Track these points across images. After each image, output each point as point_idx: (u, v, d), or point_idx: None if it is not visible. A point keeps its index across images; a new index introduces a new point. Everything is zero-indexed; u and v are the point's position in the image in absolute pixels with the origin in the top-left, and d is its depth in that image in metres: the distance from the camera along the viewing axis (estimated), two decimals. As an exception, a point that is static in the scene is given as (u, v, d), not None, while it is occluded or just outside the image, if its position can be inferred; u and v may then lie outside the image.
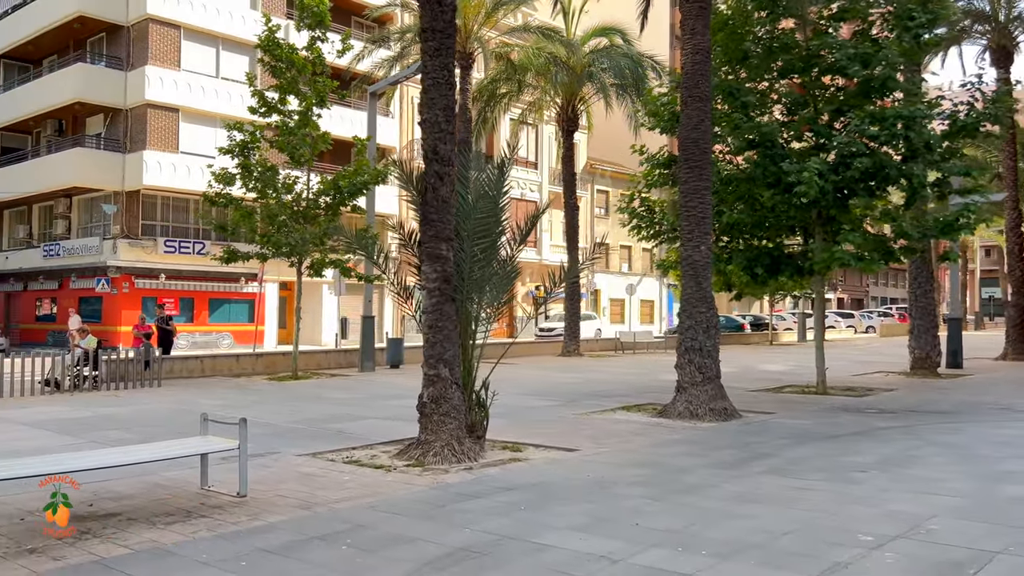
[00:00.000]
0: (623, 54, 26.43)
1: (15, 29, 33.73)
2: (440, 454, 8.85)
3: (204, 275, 32.57)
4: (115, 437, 10.76)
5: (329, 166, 27.81)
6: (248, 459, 7.43)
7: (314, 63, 19.76)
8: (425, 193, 9.52)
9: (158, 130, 30.49)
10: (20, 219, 36.26)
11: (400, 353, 22.44)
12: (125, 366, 17.12)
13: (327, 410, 13.69)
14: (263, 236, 19.22)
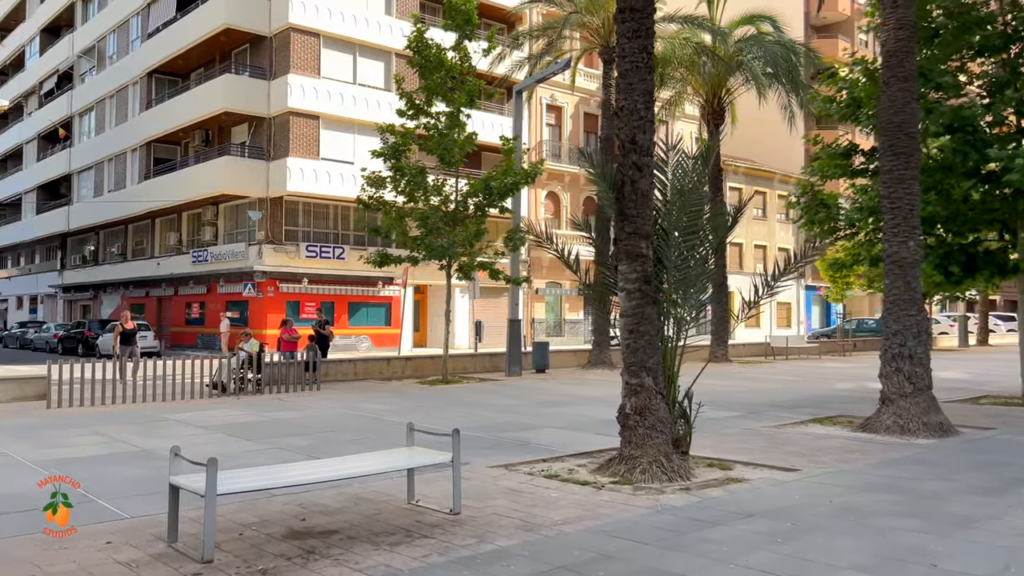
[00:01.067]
0: (775, 41, 25.03)
1: (165, 45, 35.25)
2: (648, 471, 8.11)
3: (343, 279, 33.06)
4: (296, 444, 10.54)
5: (464, 169, 27.57)
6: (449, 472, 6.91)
7: (461, 62, 19.43)
8: (622, 187, 8.81)
9: (300, 137, 31.14)
10: (171, 227, 37.90)
11: (546, 357, 21.87)
12: (286, 369, 17.21)
13: (496, 417, 13.19)
14: (414, 239, 19.03)
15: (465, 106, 18.94)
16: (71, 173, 45.11)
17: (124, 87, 39.39)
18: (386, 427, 12.11)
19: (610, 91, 24.16)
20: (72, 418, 13.05)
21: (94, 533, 6.23)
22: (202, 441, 10.81)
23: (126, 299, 40.99)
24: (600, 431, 11.71)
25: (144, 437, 11.11)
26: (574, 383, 19.57)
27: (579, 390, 17.88)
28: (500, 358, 22.78)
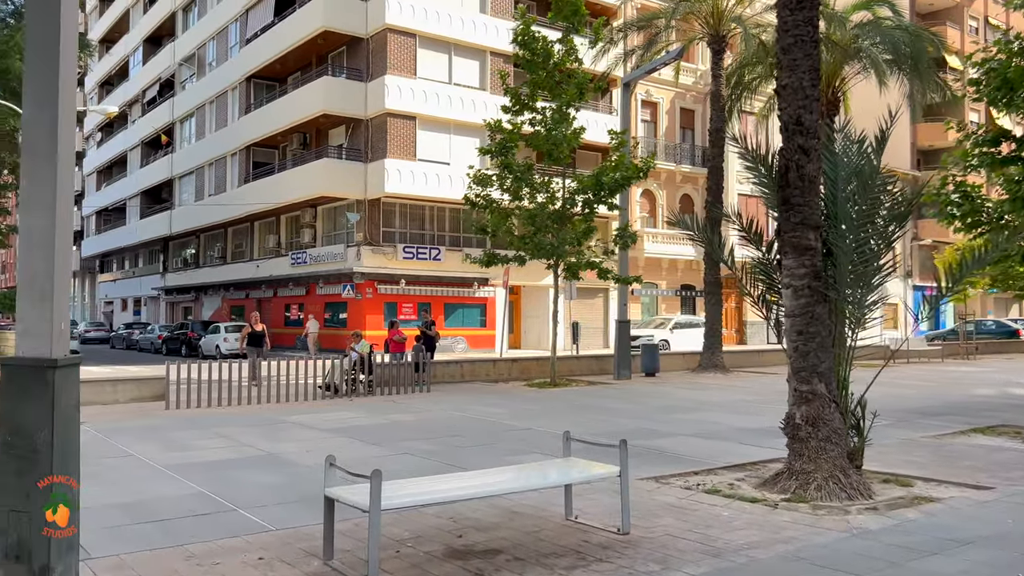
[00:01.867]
0: (895, 26, 23.55)
1: (263, 50, 35.78)
2: (824, 488, 7.29)
3: (439, 280, 32.88)
4: (421, 448, 10.07)
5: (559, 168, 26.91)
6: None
7: (567, 55, 18.78)
8: (786, 172, 8.00)
9: (397, 138, 31.08)
10: (269, 229, 38.50)
11: (656, 360, 21.01)
12: (396, 371, 16.90)
13: (623, 423, 12.48)
14: (521, 238, 18.49)
15: (574, 100, 18.29)
16: (173, 178, 46.44)
17: (223, 92, 40.25)
18: (508, 432, 11.56)
19: (720, 82, 23.18)
20: (192, 419, 12.96)
21: (244, 547, 5.83)
22: (326, 445, 10.45)
23: (226, 301, 41.89)
24: (741, 440, 10.91)
25: (267, 440, 10.84)
26: (690, 387, 18.68)
27: (699, 395, 17.01)
28: (605, 360, 22.06)
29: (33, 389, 4.36)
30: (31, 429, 4.34)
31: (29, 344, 4.41)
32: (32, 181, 4.52)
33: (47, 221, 4.48)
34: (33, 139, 4.54)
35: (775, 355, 26.43)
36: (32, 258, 4.48)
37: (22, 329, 4.45)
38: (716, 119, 22.98)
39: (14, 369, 4.42)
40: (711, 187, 23.14)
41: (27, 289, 4.46)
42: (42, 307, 4.42)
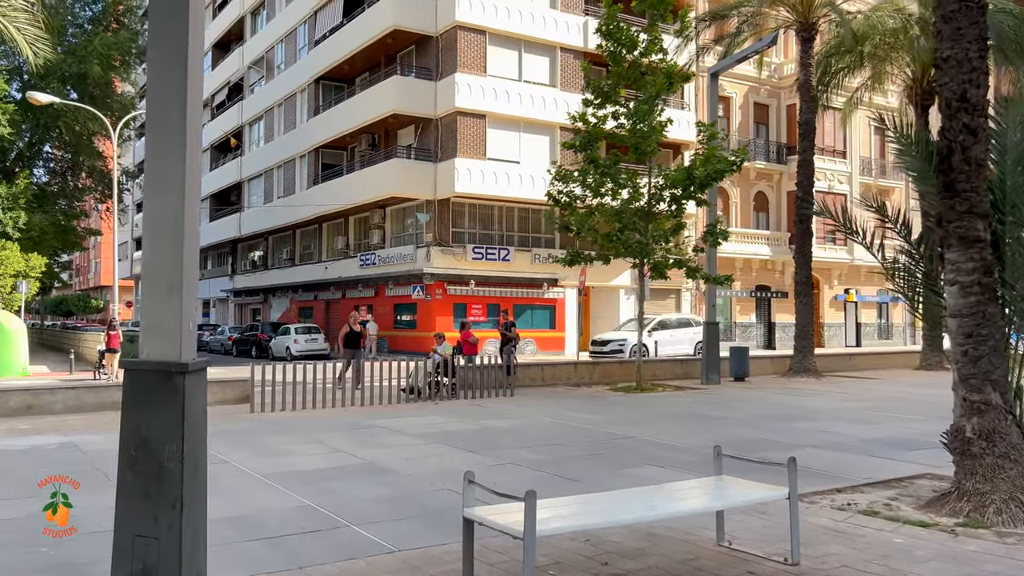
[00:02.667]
0: (999, 9, 22.09)
1: (332, 51, 35.71)
2: (1005, 511, 6.44)
3: (508, 281, 32.32)
4: (528, 458, 9.42)
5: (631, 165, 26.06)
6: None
7: (652, 45, 17.97)
8: (950, 156, 7.13)
9: (467, 137, 30.62)
10: (338, 231, 38.44)
11: (745, 364, 20.06)
12: (479, 373, 16.33)
13: (729, 433, 11.66)
14: (606, 236, 17.76)
15: (663, 91, 17.49)
16: (242, 181, 46.87)
17: (292, 95, 40.38)
18: (611, 441, 10.85)
19: (809, 71, 22.10)
20: (279, 423, 12.56)
21: (367, 572, 5.24)
22: (422, 453, 9.90)
23: (294, 302, 42.03)
24: (870, 452, 10.03)
25: (360, 446, 10.33)
26: (787, 393, 17.71)
27: (802, 402, 16.05)
28: (690, 364, 21.19)
29: (161, 397, 3.82)
30: (158, 443, 3.81)
31: (156, 345, 3.88)
32: (159, 159, 4.00)
33: (175, 203, 3.95)
34: (159, 108, 4.01)
35: (866, 358, 25.21)
36: (158, 245, 3.95)
37: (147, 327, 3.92)
38: (806, 110, 21.89)
39: (139, 374, 3.90)
40: (801, 182, 22.06)
41: (152, 281, 3.93)
42: (170, 301, 3.88)
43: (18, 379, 21.71)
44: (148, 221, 4.01)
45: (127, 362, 3.97)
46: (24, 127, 30.40)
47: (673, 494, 5.63)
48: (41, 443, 10.60)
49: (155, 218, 3.98)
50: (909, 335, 45.80)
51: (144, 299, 3.94)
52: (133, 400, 3.89)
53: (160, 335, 3.88)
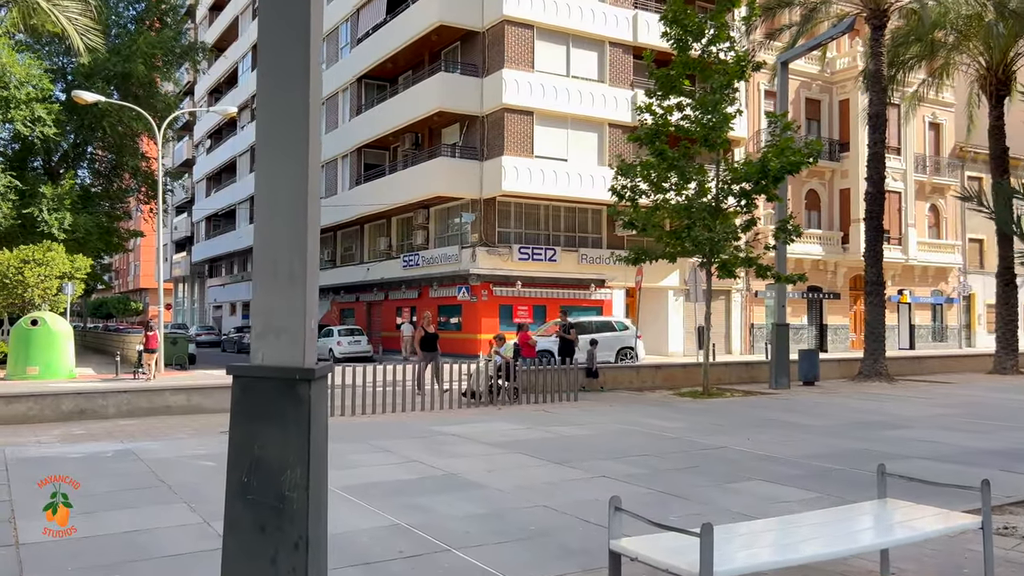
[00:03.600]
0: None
1: (375, 49, 35.25)
2: None
3: (555, 282, 31.58)
4: (620, 471, 8.64)
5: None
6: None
7: (720, 32, 17.10)
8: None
9: (514, 134, 29.92)
10: (380, 232, 37.95)
11: (816, 367, 19.08)
12: (542, 376, 15.57)
13: (824, 443, 10.80)
14: (672, 233, 16.92)
15: (736, 79, 16.62)
16: (282, 182, 46.56)
17: (334, 94, 39.98)
18: (703, 452, 10.03)
19: (880, 60, 21.07)
20: (338, 429, 11.88)
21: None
22: (504, 463, 9.16)
23: (335, 304, 41.63)
24: (990, 464, 9.10)
25: (435, 455, 9.61)
26: (865, 398, 16.74)
27: (886, 408, 15.09)
28: (755, 368, 20.28)
29: (282, 410, 3.12)
30: (278, 467, 3.10)
31: (273, 347, 3.18)
32: (276, 122, 3.32)
33: (297, 176, 3.26)
34: (275, 65, 3.32)
35: (937, 362, 24.07)
36: (275, 228, 3.26)
37: (262, 326, 3.22)
38: (877, 101, 20.82)
39: (254, 382, 3.19)
40: (871, 176, 21.03)
41: (268, 270, 3.23)
42: (290, 293, 3.18)
43: (65, 381, 21.39)
44: (263, 200, 3.33)
45: (235, 367, 3.28)
46: (68, 128, 30.26)
47: (848, 523, 4.82)
48: (97, 450, 10.04)
49: (271, 195, 3.30)
50: (964, 337, 44.26)
51: (258, 292, 3.24)
52: (245, 414, 3.19)
53: (279, 335, 3.18)
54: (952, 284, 42.99)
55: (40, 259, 25.47)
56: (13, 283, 25.26)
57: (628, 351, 25.56)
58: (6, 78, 25.85)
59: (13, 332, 22.99)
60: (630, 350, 25.61)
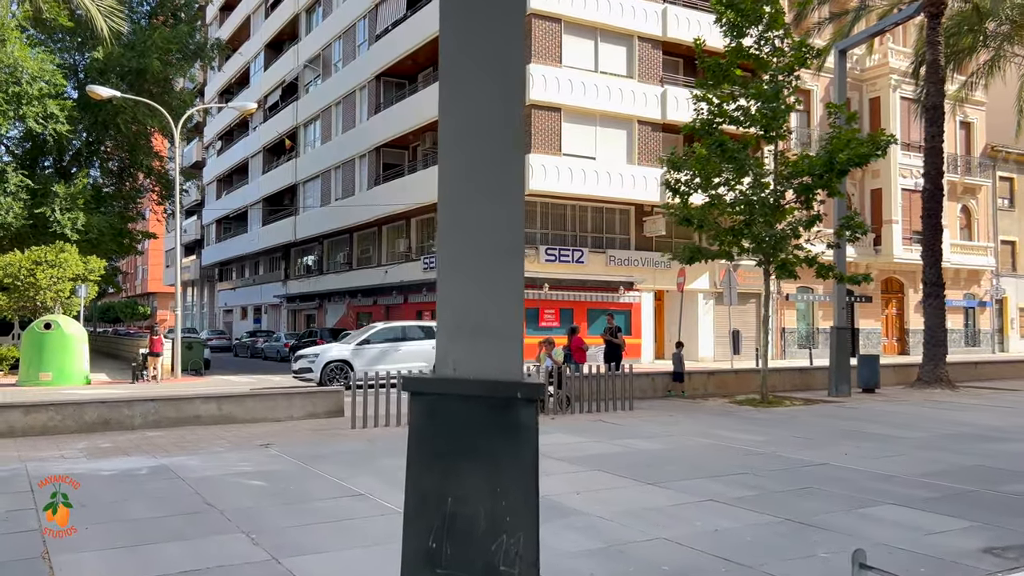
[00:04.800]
0: None
1: (394, 45, 34.27)
2: None
3: (583, 284, 30.53)
4: (728, 495, 7.60)
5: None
6: None
7: (776, 17, 16.07)
8: None
9: (542, 132, 28.91)
10: (399, 233, 36.94)
11: (877, 373, 18.02)
12: (594, 383, 14.53)
13: (927, 456, 9.79)
14: (728, 230, 15.90)
15: (799, 64, 15.60)
16: (296, 183, 45.66)
17: (351, 93, 39.02)
18: (803, 468, 9.00)
19: (937, 50, 20.01)
20: (392, 442, 10.88)
21: None
22: (590, 484, 8.13)
23: (352, 307, 40.62)
24: None
25: (507, 474, 8.56)
26: (937, 406, 15.68)
27: (965, 416, 14.05)
28: (809, 374, 19.27)
29: (492, 444, 2.10)
30: (487, 526, 2.08)
31: (473, 351, 2.17)
32: (473, 72, 2.30)
33: (503, 135, 2.25)
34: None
35: (992, 368, 23.00)
36: (483, 192, 2.24)
37: (457, 322, 2.20)
38: (934, 93, 19.75)
39: (447, 402, 2.18)
40: (928, 172, 19.96)
41: (467, 246, 2.21)
42: (502, 278, 2.16)
43: (81, 388, 20.42)
44: (450, 169, 2.31)
45: (413, 381, 2.26)
46: (80, 126, 29.35)
47: None
48: (129, 466, 9.03)
49: (473, 159, 2.27)
50: (996, 342, 43.10)
51: (450, 275, 2.22)
52: (432, 448, 2.18)
53: (482, 335, 2.16)
54: (984, 287, 41.87)
55: (52, 260, 24.54)
56: (25, 285, 24.32)
57: None
58: (18, 73, 24.96)
59: (25, 336, 22.03)
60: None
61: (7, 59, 24.39)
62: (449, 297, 2.22)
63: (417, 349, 20.54)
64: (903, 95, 37.69)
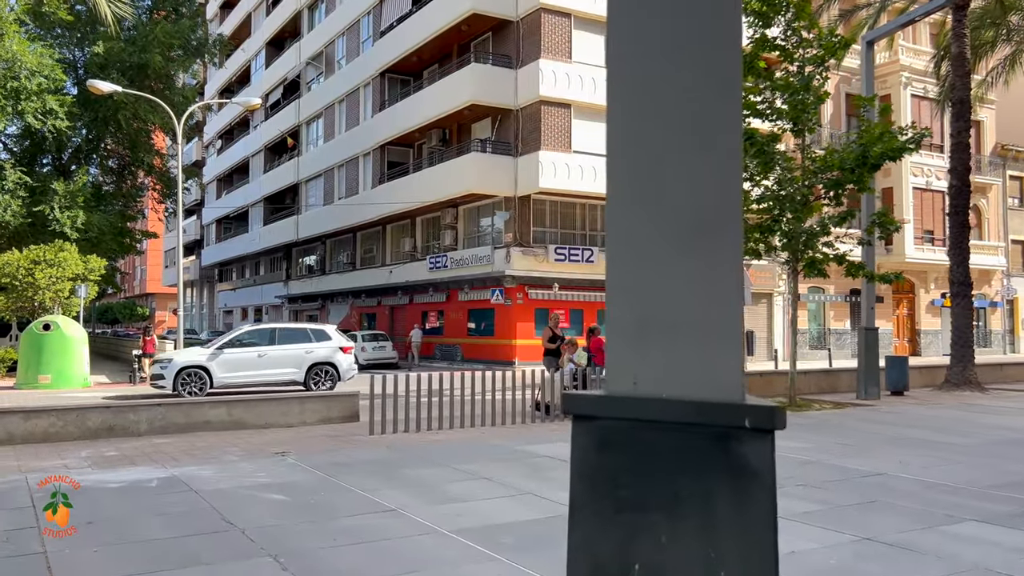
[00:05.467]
0: None
1: (400, 41, 33.68)
2: None
3: (592, 284, 29.91)
4: (787, 507, 6.98)
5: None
6: None
7: (804, 5, 15.48)
8: None
9: (551, 128, 28.34)
10: (403, 233, 36.34)
11: (905, 375, 17.44)
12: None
13: (984, 465, 9.19)
14: (756, 227, 15.30)
15: (830, 55, 15.00)
16: (299, 182, 45.03)
17: (355, 90, 38.41)
18: (861, 479, 8.41)
19: (964, 43, 19.44)
20: (412, 449, 10.27)
21: None
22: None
23: (356, 308, 40.03)
24: None
25: (545, 485, 7.98)
26: (972, 409, 15.10)
27: (1006, 420, 13.46)
28: (834, 376, 18.73)
29: (703, 480, 1.49)
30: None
31: (666, 360, 1.56)
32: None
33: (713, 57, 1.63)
34: None
35: (1017, 369, 22.42)
36: (669, 147, 1.63)
37: (641, 318, 1.59)
38: (961, 87, 19.18)
39: (631, 429, 1.57)
40: (955, 168, 19.41)
41: (660, 224, 1.60)
42: (710, 261, 1.55)
43: (81, 391, 19.80)
44: (641, 100, 1.69)
45: (580, 398, 1.66)
46: (80, 123, 28.72)
47: None
48: (137, 478, 8.42)
49: (664, 93, 1.66)
50: (1008, 343, 42.57)
51: (624, 258, 1.62)
52: (610, 494, 1.57)
53: (681, 335, 1.56)
54: (995, 287, 41.34)
55: (52, 260, 23.92)
56: (23, 285, 23.70)
57: (327, 369, 18.98)
58: (16, 68, 24.33)
59: (23, 338, 21.41)
60: (331, 368, 18.99)
61: (5, 54, 23.78)
62: (625, 283, 1.61)
63: (288, 354, 18.61)
64: (914, 92, 37.20)
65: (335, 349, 19.27)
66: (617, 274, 1.63)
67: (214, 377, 17.80)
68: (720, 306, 1.54)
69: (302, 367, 18.60)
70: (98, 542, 5.86)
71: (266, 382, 18.45)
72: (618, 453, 1.57)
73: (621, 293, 1.62)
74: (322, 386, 18.66)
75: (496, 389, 12.87)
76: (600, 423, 1.59)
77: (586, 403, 1.63)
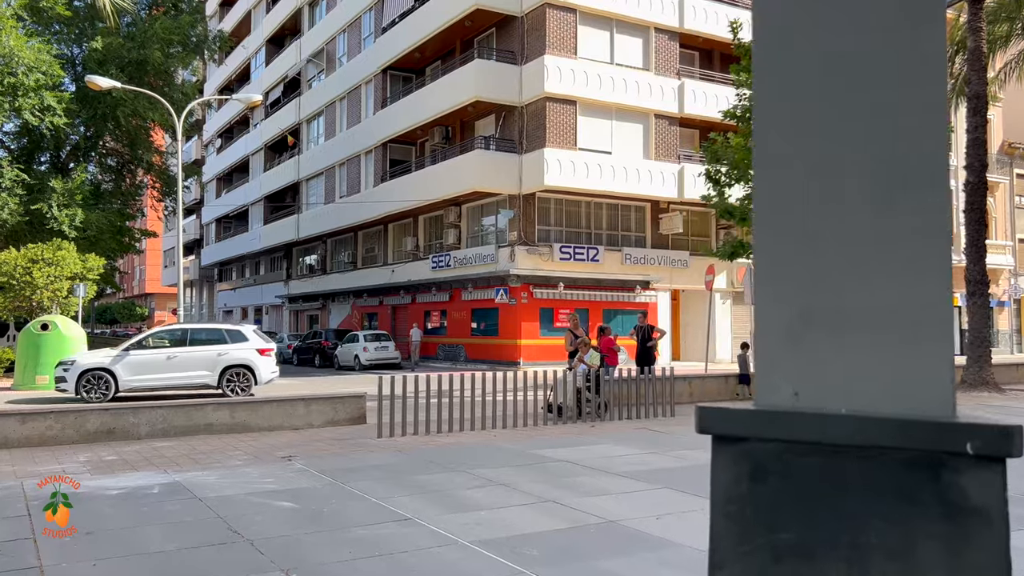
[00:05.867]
0: None
1: (402, 38, 33.30)
2: None
3: (598, 283, 29.60)
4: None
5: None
6: None
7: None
8: None
9: (557, 125, 27.96)
10: (405, 232, 35.95)
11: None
12: (633, 388, 13.57)
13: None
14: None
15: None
16: (299, 181, 44.64)
17: (356, 87, 38.02)
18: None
19: (980, 36, 19.08)
20: (424, 453, 9.90)
21: None
22: (666, 504, 7.15)
23: (357, 308, 39.64)
24: None
25: (566, 492, 7.61)
26: (996, 410, 14.75)
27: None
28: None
29: (903, 521, 1.11)
30: None
31: (836, 362, 1.17)
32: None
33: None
34: None
35: (1032, 370, 22.06)
36: (847, 86, 1.24)
37: (799, 310, 1.21)
38: (977, 82, 18.82)
39: (798, 454, 1.19)
40: (972, 164, 19.04)
41: (827, 191, 1.22)
42: (915, 237, 1.17)
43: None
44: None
45: (721, 414, 1.28)
46: (78, 120, 28.33)
47: None
48: (138, 484, 8.04)
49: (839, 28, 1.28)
50: (1015, 343, 42.24)
51: (772, 230, 1.25)
52: (767, 534, 1.19)
53: (862, 332, 1.18)
54: (1003, 287, 40.99)
55: (50, 258, 23.51)
56: (20, 284, 23.29)
57: (242, 372, 17.82)
58: (13, 64, 23.92)
59: (21, 338, 21.01)
60: (247, 371, 17.87)
61: (2, 49, 23.38)
62: (781, 264, 1.24)
63: (199, 356, 17.52)
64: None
65: (251, 351, 18.14)
66: (768, 254, 1.26)
67: (119, 380, 16.83)
68: (921, 289, 1.17)
69: (215, 370, 17.54)
70: (97, 555, 5.50)
71: (176, 385, 17.48)
72: (778, 485, 1.19)
73: (776, 279, 1.25)
74: (238, 390, 17.55)
75: (505, 390, 12.52)
76: (752, 446, 1.22)
77: (733, 420, 1.26)
